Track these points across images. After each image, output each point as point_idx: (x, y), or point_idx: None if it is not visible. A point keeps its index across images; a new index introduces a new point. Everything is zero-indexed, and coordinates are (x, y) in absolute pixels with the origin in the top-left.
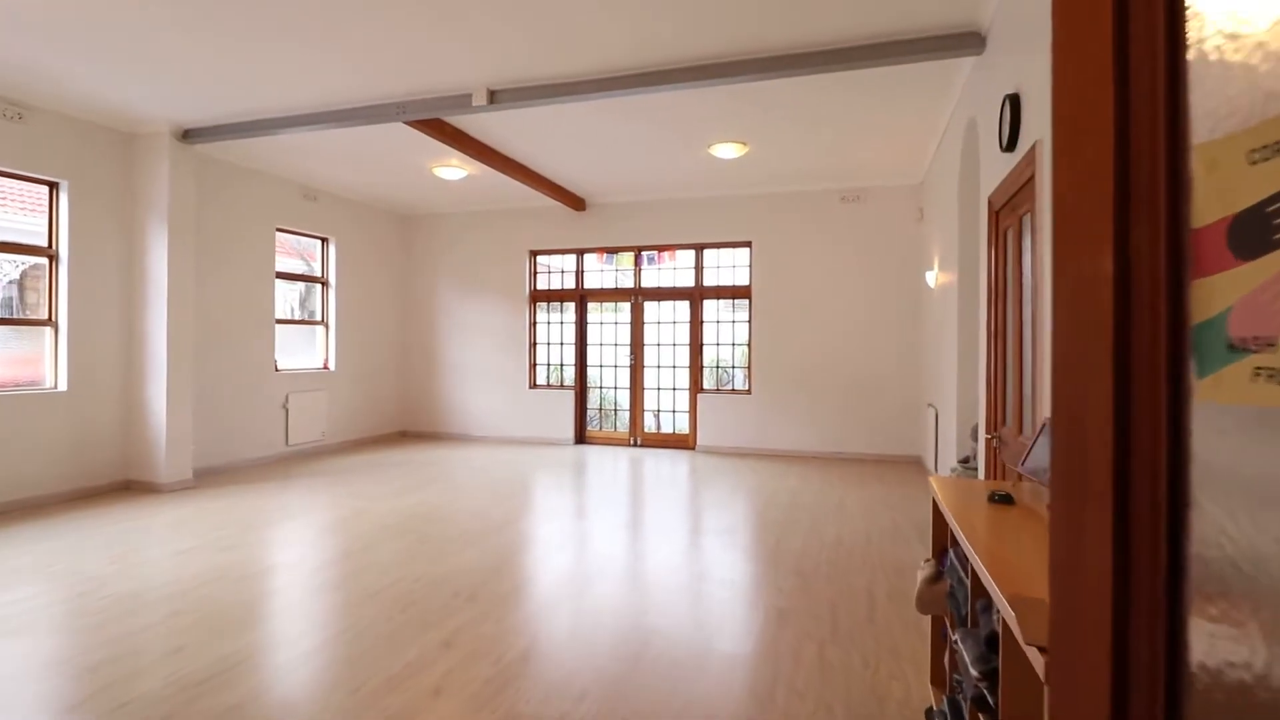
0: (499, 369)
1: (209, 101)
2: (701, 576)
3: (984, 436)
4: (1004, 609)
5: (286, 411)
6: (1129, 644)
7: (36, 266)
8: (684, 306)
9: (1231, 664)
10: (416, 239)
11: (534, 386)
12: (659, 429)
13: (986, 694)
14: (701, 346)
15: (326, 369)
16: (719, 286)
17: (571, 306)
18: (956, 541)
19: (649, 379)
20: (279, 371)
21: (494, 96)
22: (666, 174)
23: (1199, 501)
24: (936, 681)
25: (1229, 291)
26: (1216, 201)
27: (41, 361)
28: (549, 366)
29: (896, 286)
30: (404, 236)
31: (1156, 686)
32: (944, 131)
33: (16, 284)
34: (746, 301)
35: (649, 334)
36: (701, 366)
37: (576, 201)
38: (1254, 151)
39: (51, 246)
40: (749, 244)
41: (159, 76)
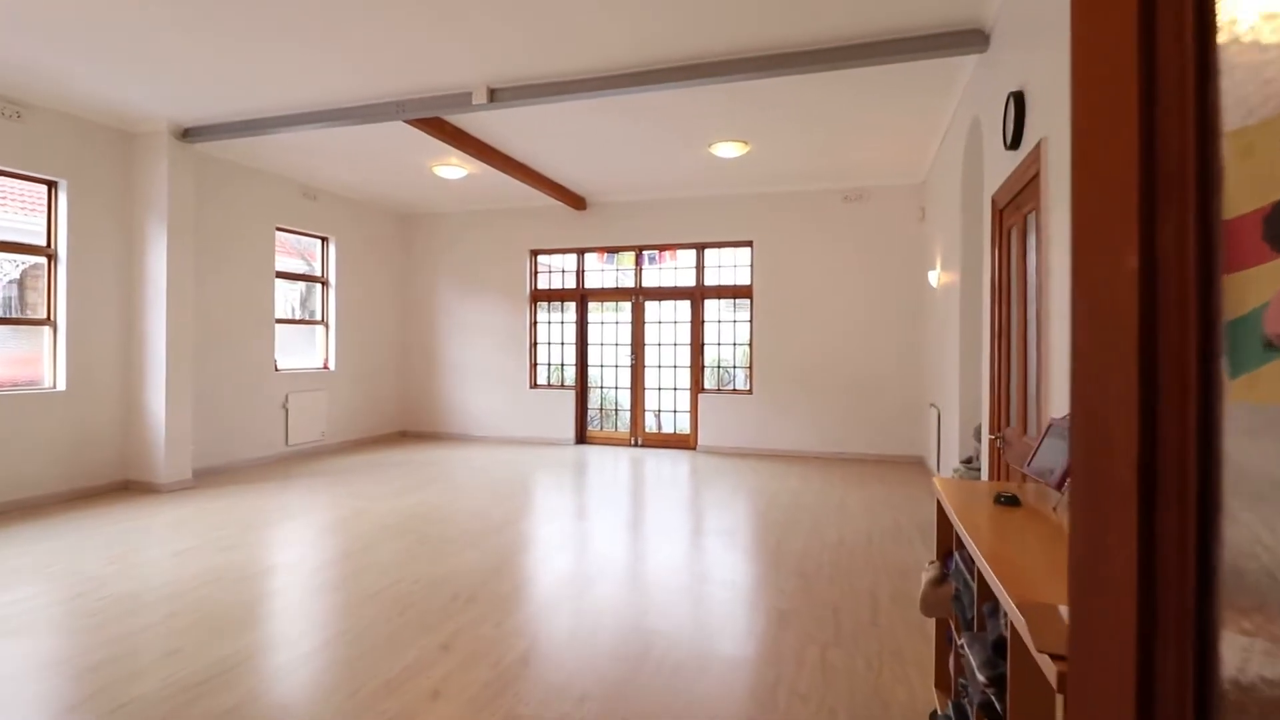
0: (499, 369)
1: (208, 100)
2: (703, 578)
3: (987, 437)
4: (1013, 615)
5: (286, 411)
6: (1155, 655)
7: (35, 266)
8: (685, 306)
9: (1268, 680)
10: (417, 238)
11: (534, 386)
12: (660, 429)
13: (994, 700)
14: (702, 346)
15: (326, 369)
16: (720, 286)
17: (572, 306)
18: (961, 544)
19: (650, 379)
20: (279, 371)
21: (494, 95)
22: (667, 173)
23: (1232, 508)
24: (941, 685)
25: (1264, 286)
26: (1251, 191)
27: (40, 361)
28: (549, 366)
29: (898, 286)
30: (404, 236)
31: (1185, 700)
32: (946, 130)
33: (17, 283)
34: (748, 301)
35: (650, 334)
36: (702, 366)
37: (577, 201)
38: None
39: (50, 246)
40: (750, 243)
41: (158, 75)
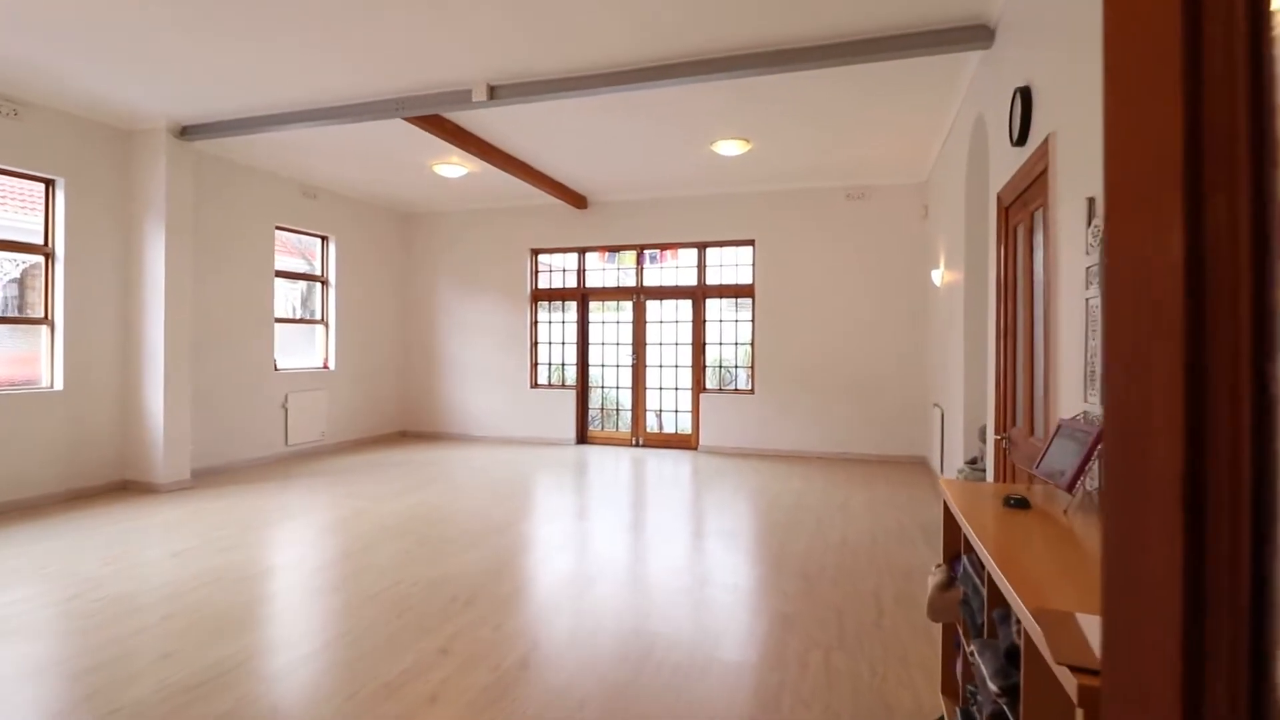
0: (500, 368)
1: (207, 98)
2: (705, 580)
3: (993, 437)
4: (1028, 623)
5: (286, 411)
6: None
7: (33, 265)
8: (686, 305)
9: None
10: (417, 237)
11: (535, 386)
12: (661, 429)
13: (1006, 710)
14: (704, 346)
15: (326, 368)
16: (721, 285)
17: (573, 305)
18: (970, 547)
19: (651, 379)
20: (278, 371)
21: (494, 92)
22: (668, 171)
23: None
24: (948, 691)
25: None
26: None
27: (38, 360)
28: (550, 366)
29: (901, 285)
30: (404, 235)
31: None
32: (950, 128)
33: (17, 283)
34: (749, 300)
35: (651, 333)
36: (704, 366)
37: (578, 199)
38: None
39: (48, 244)
40: (752, 242)
41: (156, 73)
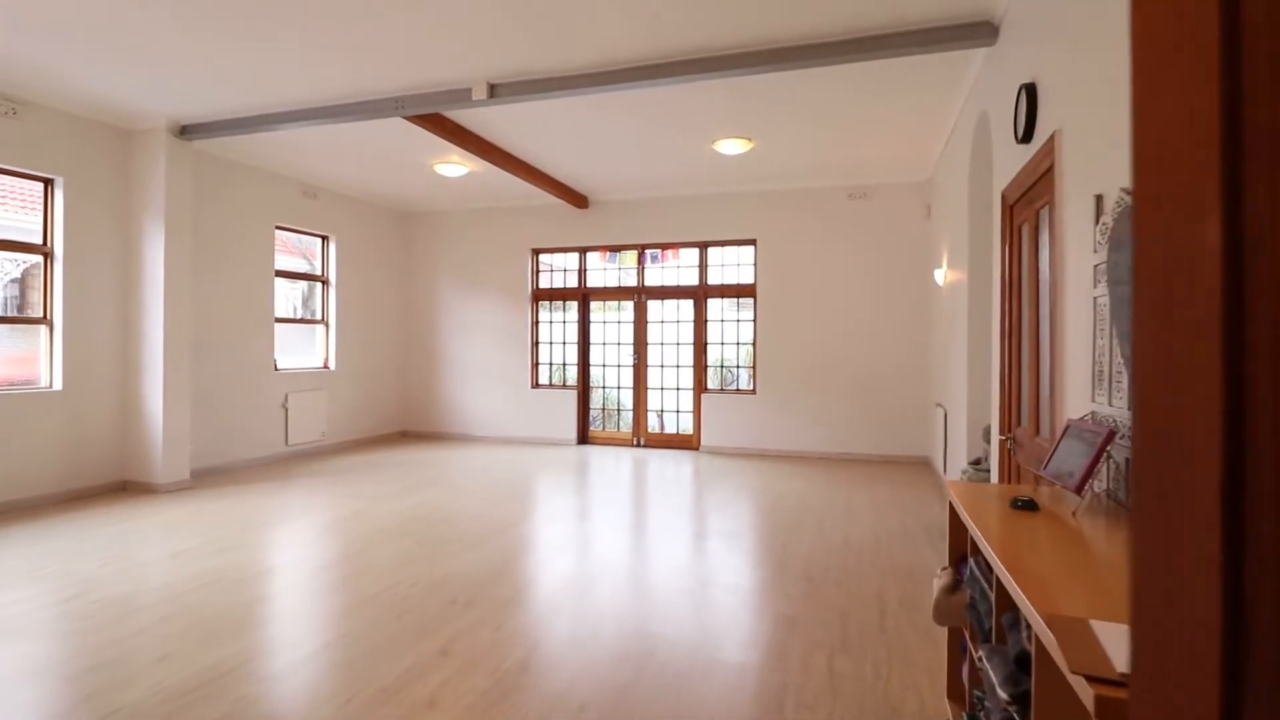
0: (501, 368)
1: (206, 97)
2: (707, 581)
3: (997, 438)
4: (1041, 631)
5: (286, 411)
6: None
7: (32, 265)
8: (688, 305)
9: None
10: (417, 237)
11: (536, 386)
12: (662, 429)
13: (1016, 718)
14: (705, 346)
15: (326, 368)
16: (723, 285)
17: (574, 305)
18: (976, 550)
19: (652, 379)
20: (278, 371)
21: (494, 90)
22: (670, 170)
23: None
24: (953, 695)
25: None
26: None
27: (37, 360)
28: (551, 366)
29: (904, 284)
30: (405, 234)
31: None
32: (953, 126)
33: (19, 283)
34: (751, 300)
35: (652, 333)
36: (705, 366)
37: (579, 199)
38: None
39: (46, 244)
40: (753, 242)
41: (156, 72)
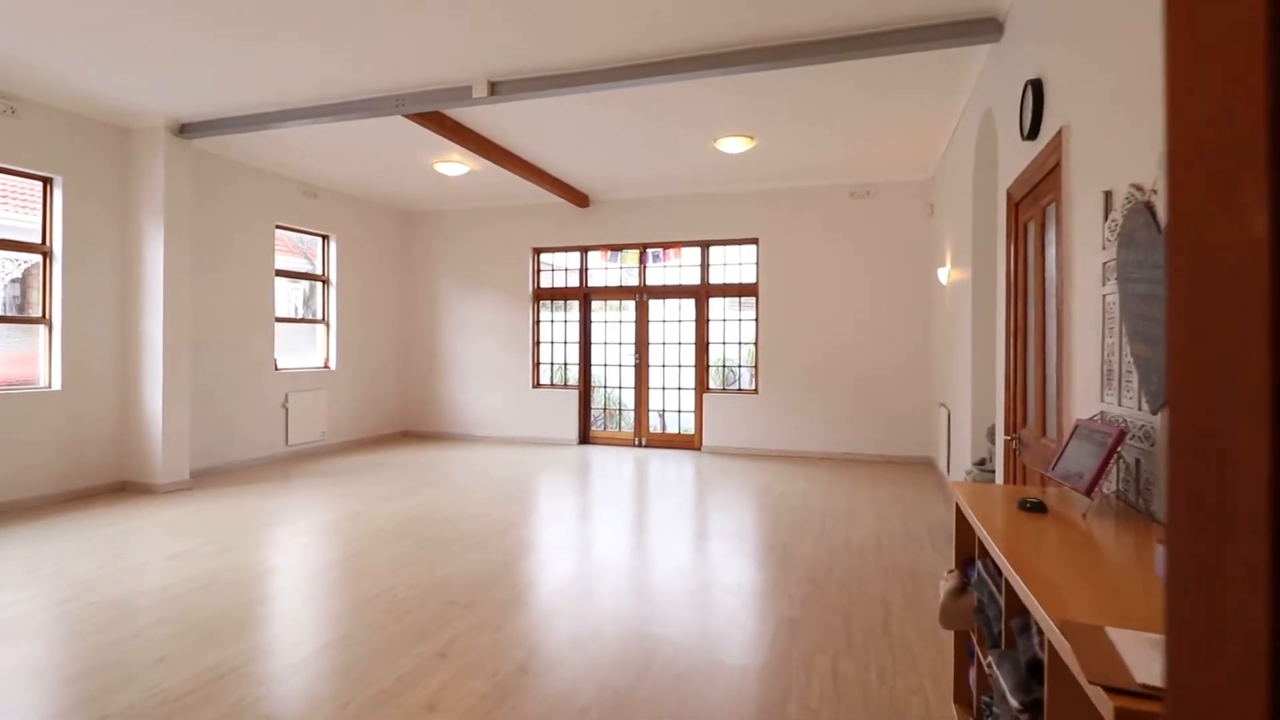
0: (502, 368)
1: (206, 95)
2: (709, 583)
3: (1002, 438)
4: (1054, 638)
5: (286, 411)
6: None
7: (31, 264)
8: (689, 305)
9: None
10: (418, 236)
11: (537, 386)
12: (664, 429)
13: None
14: (707, 345)
15: (327, 368)
16: (725, 284)
17: (575, 305)
18: (984, 552)
19: (654, 378)
20: (278, 371)
21: (494, 88)
22: (671, 169)
23: None
24: (960, 700)
25: None
26: None
27: (35, 360)
28: (553, 366)
29: (906, 283)
30: (405, 233)
31: None
32: (957, 124)
33: (19, 283)
34: (753, 299)
35: (654, 333)
36: (707, 366)
37: (580, 198)
38: None
39: (45, 243)
40: (756, 241)
41: (155, 70)
